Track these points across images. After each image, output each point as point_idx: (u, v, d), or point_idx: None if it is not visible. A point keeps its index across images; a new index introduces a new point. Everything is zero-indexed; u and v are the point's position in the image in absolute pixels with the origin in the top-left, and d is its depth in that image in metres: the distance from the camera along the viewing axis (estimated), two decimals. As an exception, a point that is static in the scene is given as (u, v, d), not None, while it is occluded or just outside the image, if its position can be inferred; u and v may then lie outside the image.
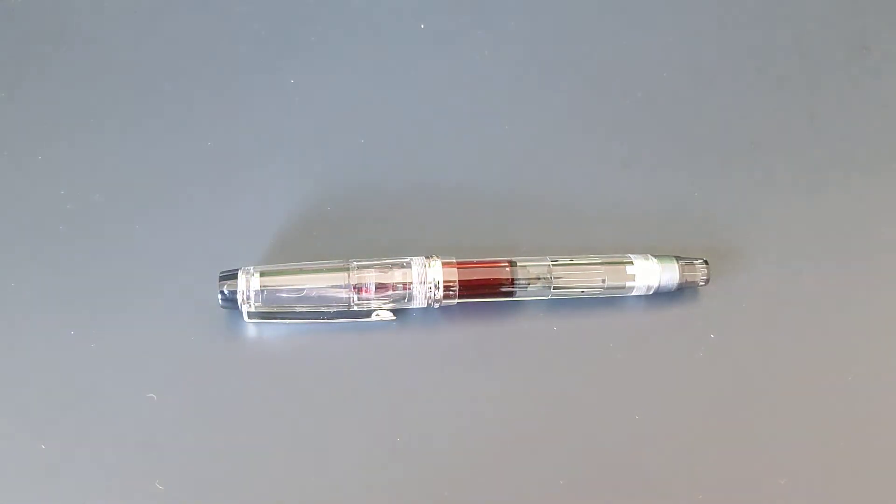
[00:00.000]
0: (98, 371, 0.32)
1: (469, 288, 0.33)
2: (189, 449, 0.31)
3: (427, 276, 0.33)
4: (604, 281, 0.34)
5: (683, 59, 0.42)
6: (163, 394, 0.32)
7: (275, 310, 0.33)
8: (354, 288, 0.33)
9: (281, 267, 0.33)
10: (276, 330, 0.34)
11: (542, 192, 0.38)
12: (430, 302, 0.33)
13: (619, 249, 0.35)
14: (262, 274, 0.32)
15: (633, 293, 0.35)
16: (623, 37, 0.43)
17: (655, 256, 0.35)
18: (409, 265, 0.33)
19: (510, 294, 0.34)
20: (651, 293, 0.35)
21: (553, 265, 0.34)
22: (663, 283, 0.34)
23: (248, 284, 0.32)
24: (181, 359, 0.33)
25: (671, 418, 0.33)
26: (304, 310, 0.33)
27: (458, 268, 0.33)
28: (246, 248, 0.35)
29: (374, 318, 0.33)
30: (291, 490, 0.31)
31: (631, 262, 0.34)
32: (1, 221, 0.36)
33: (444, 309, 0.34)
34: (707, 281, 0.35)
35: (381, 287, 0.33)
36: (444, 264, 0.33)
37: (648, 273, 0.34)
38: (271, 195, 0.37)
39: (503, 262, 0.34)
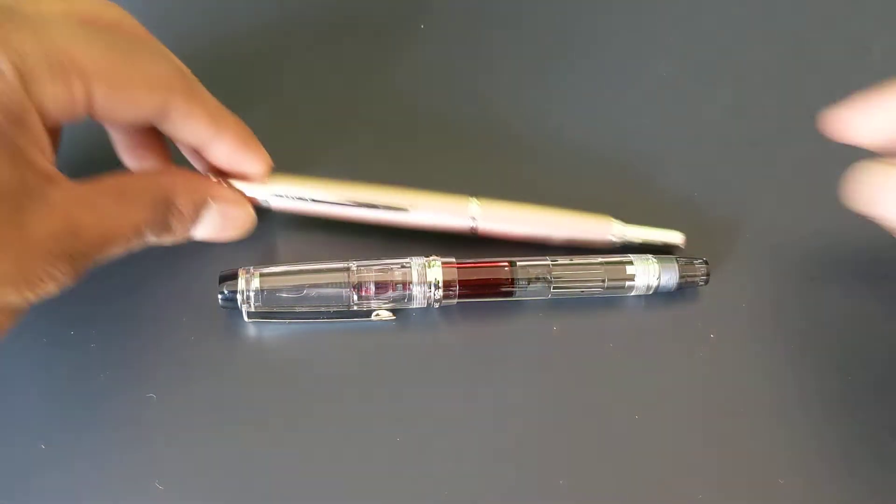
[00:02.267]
0: (98, 371, 0.32)
1: (469, 288, 0.33)
2: (189, 449, 0.31)
3: (427, 276, 0.33)
4: (604, 281, 0.34)
5: (683, 59, 0.42)
6: (163, 394, 0.32)
7: (275, 310, 0.33)
8: (354, 288, 0.33)
9: (281, 267, 0.33)
10: (275, 330, 0.34)
11: (541, 192, 0.37)
12: (429, 302, 0.33)
13: (619, 249, 0.35)
14: (262, 274, 0.32)
15: (633, 293, 0.35)
16: (622, 36, 0.43)
17: (655, 256, 0.35)
18: (408, 265, 0.33)
19: (510, 294, 0.34)
20: (651, 293, 0.35)
21: (553, 265, 0.34)
22: (663, 282, 0.34)
23: (248, 285, 0.32)
24: (181, 359, 0.33)
25: (671, 418, 0.33)
26: (304, 310, 0.33)
27: (457, 268, 0.33)
28: (246, 249, 0.35)
29: (373, 318, 0.33)
30: (291, 490, 0.31)
31: (631, 262, 0.34)
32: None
33: (443, 309, 0.34)
34: (707, 281, 0.35)
35: (380, 287, 0.33)
36: (443, 264, 0.33)
37: (648, 273, 0.34)
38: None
39: (503, 261, 0.34)
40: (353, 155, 0.38)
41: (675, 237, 0.36)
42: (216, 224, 0.32)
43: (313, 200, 0.34)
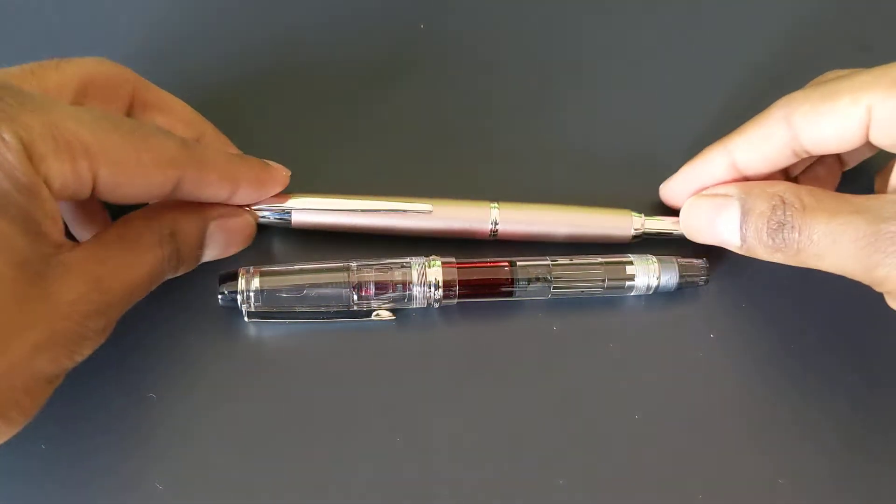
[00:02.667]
0: (98, 371, 0.32)
1: (469, 288, 0.33)
2: (189, 449, 0.31)
3: (427, 276, 0.33)
4: (604, 281, 0.34)
5: (683, 59, 0.42)
6: (163, 394, 0.32)
7: (275, 310, 0.33)
8: (354, 288, 0.33)
9: (281, 267, 0.33)
10: (275, 330, 0.34)
11: (540, 193, 0.37)
12: (429, 302, 0.33)
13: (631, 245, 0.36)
14: (262, 274, 0.32)
15: (633, 293, 0.35)
16: (622, 38, 0.43)
17: (655, 256, 0.35)
18: (408, 265, 0.33)
19: (510, 294, 0.34)
20: (651, 293, 0.35)
21: (553, 265, 0.34)
22: (663, 282, 0.34)
23: (248, 284, 0.32)
24: (181, 359, 0.33)
25: (671, 418, 0.33)
26: (304, 310, 0.33)
27: (457, 268, 0.33)
28: (246, 249, 0.35)
29: (373, 318, 0.33)
30: (291, 490, 0.31)
31: (631, 262, 0.34)
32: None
33: (443, 309, 0.34)
34: (707, 281, 0.35)
35: (380, 287, 0.33)
36: (443, 264, 0.33)
37: (648, 273, 0.34)
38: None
39: (503, 262, 0.34)
40: (361, 169, 0.38)
41: None
42: (220, 241, 0.32)
43: (337, 210, 0.34)
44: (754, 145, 0.33)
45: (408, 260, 0.33)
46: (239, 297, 0.32)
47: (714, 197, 0.33)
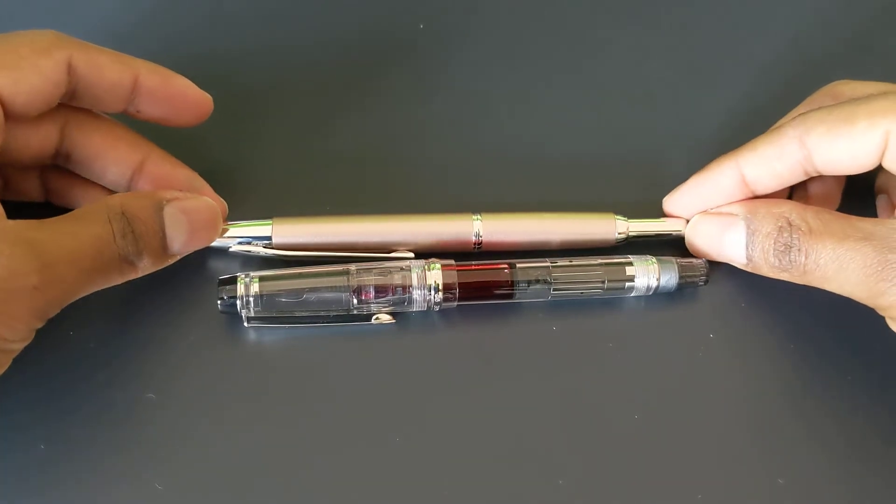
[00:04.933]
0: (98, 371, 0.32)
1: (469, 290, 0.33)
2: (189, 449, 0.31)
3: (427, 280, 0.33)
4: (603, 282, 0.34)
5: (683, 60, 0.42)
6: (163, 394, 0.32)
7: (274, 314, 0.33)
8: (354, 292, 0.33)
9: (280, 272, 0.33)
10: (275, 334, 0.34)
11: (541, 194, 0.38)
12: (429, 305, 0.33)
13: (626, 246, 0.36)
14: (262, 279, 0.32)
15: (633, 294, 0.35)
16: (623, 38, 0.43)
17: (655, 257, 0.35)
18: (408, 269, 0.33)
19: (510, 296, 0.34)
20: (651, 293, 0.35)
21: (553, 267, 0.34)
22: (663, 283, 0.34)
23: (248, 289, 0.32)
24: (181, 360, 0.33)
25: (671, 418, 0.33)
26: (304, 314, 0.33)
27: (457, 270, 0.33)
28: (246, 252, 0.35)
29: (373, 321, 0.33)
30: (291, 491, 0.31)
31: (630, 263, 0.34)
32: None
33: (443, 311, 0.34)
34: (707, 281, 0.35)
35: (380, 290, 0.33)
36: (443, 267, 0.33)
37: (648, 273, 0.34)
38: (270, 198, 0.37)
39: (503, 264, 0.34)
40: (346, 173, 0.38)
41: (677, 225, 0.36)
42: (183, 224, 0.31)
43: (316, 245, 0.34)
44: (766, 163, 0.33)
45: (407, 263, 0.33)
46: (238, 301, 0.32)
47: (719, 215, 0.34)
